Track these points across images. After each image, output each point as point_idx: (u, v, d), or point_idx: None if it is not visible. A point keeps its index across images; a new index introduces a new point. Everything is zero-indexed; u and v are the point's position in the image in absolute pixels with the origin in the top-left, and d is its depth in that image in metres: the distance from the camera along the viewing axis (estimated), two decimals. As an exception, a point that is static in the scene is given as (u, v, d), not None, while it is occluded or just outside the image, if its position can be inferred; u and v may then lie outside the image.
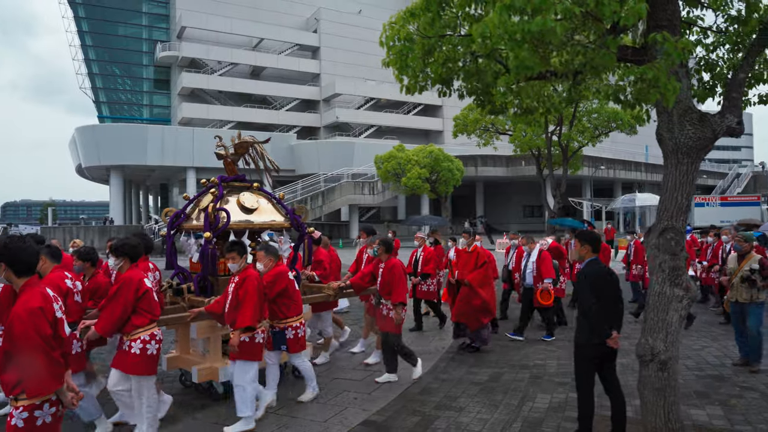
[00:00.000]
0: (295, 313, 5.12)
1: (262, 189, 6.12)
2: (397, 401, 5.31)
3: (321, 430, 4.60)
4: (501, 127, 13.48)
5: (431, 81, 4.90)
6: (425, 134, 52.29)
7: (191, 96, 46.44)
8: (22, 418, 2.76)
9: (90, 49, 49.49)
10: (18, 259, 2.88)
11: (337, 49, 49.34)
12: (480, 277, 7.02)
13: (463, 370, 6.34)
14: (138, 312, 4.16)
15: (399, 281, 5.65)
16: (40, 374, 2.73)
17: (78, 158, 43.35)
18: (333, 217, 40.98)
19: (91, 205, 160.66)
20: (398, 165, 24.52)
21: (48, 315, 2.81)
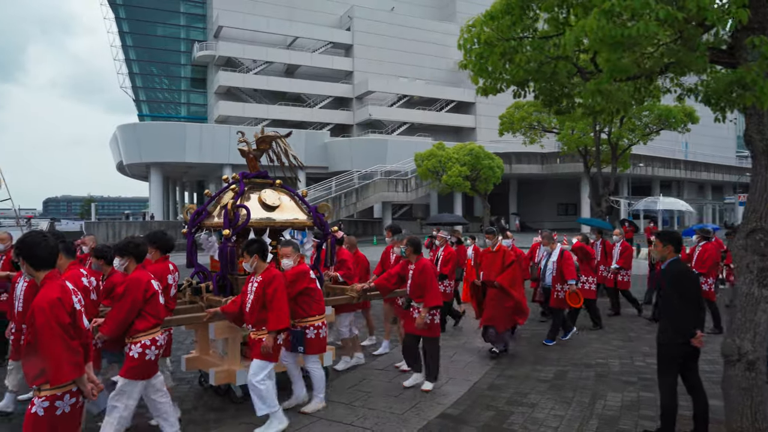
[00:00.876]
0: (317, 312, 4.98)
1: (284, 186, 5.91)
2: (468, 396, 5.43)
3: (400, 421, 4.75)
4: (547, 125, 13.42)
5: (506, 83, 4.98)
6: (457, 131, 52.12)
7: (227, 94, 47.29)
8: (43, 407, 2.85)
9: (130, 49, 50.89)
10: (35, 254, 2.98)
11: (370, 47, 49.53)
12: (510, 277, 6.81)
13: (527, 368, 6.41)
14: (142, 315, 4.04)
15: (432, 283, 5.43)
16: (60, 362, 2.80)
17: (119, 155, 44.57)
18: (366, 214, 41.26)
19: (128, 200, 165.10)
20: (438, 163, 24.54)
21: (66, 305, 2.89)
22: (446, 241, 8.50)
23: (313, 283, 5.00)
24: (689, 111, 12.67)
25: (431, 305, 5.39)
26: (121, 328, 4.02)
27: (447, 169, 23.79)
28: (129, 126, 42.34)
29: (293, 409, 4.91)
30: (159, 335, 4.14)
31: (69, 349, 2.84)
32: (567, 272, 7.55)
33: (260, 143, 5.96)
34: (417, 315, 5.44)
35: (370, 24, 49.69)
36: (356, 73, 49.25)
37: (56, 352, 2.79)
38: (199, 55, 47.60)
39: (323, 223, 5.87)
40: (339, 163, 43.04)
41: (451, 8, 55.61)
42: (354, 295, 5.82)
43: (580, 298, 7.60)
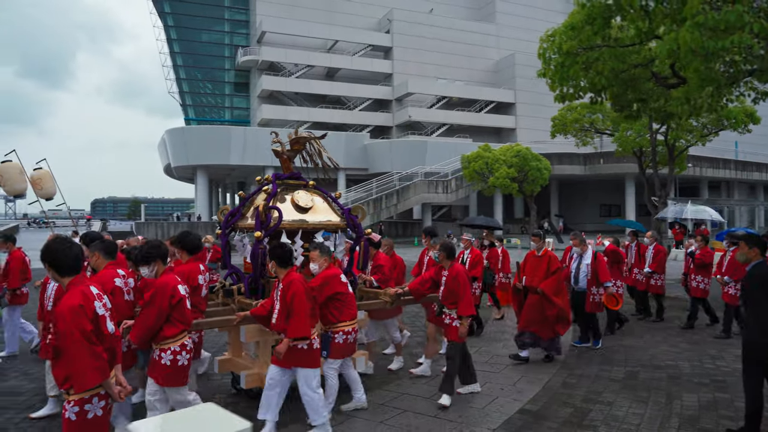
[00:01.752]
0: (348, 317, 4.81)
1: (317, 187, 5.82)
2: (543, 393, 5.59)
3: (482, 415, 4.97)
4: (601, 127, 13.36)
5: (582, 90, 5.13)
6: (497, 132, 51.83)
7: (270, 98, 48.32)
8: (74, 412, 2.94)
9: (177, 55, 52.61)
10: (59, 260, 3.03)
11: (409, 49, 49.79)
12: (554, 284, 6.59)
13: (594, 368, 6.52)
14: (170, 321, 4.02)
15: (465, 290, 5.24)
16: (83, 368, 2.85)
17: (167, 158, 46.10)
18: (405, 215, 41.45)
19: (171, 201, 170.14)
20: (485, 165, 24.60)
21: (88, 312, 2.93)
22: (471, 244, 8.38)
23: (343, 287, 4.82)
24: (750, 111, 12.34)
25: (465, 314, 5.23)
26: (149, 335, 4.00)
27: (494, 170, 23.80)
28: (177, 130, 43.81)
29: (354, 412, 4.94)
30: (187, 339, 4.13)
31: (92, 354, 2.88)
32: (602, 274, 7.36)
33: (294, 144, 5.92)
34: (456, 323, 5.28)
35: (409, 26, 49.95)
36: (395, 75, 49.58)
37: (79, 359, 2.85)
38: (243, 60, 48.81)
39: (356, 225, 5.77)
40: (379, 164, 43.41)
41: (490, 8, 55.34)
42: (387, 299, 5.62)
43: (618, 300, 7.45)
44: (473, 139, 47.93)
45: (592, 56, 4.57)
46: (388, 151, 43.90)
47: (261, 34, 47.04)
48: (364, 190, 38.25)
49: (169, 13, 51.42)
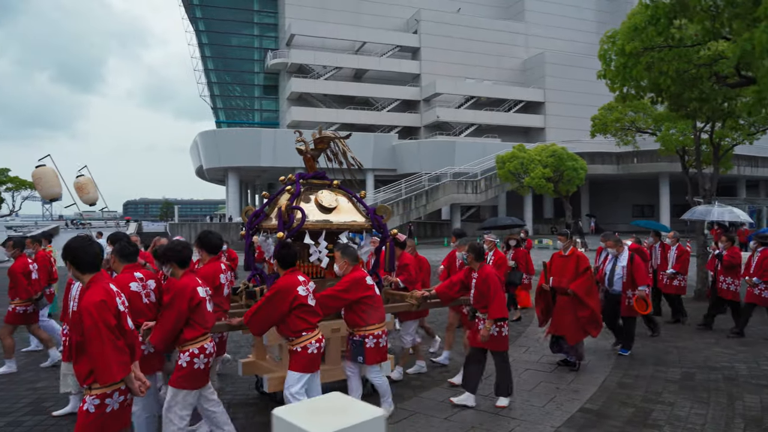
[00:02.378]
0: (376, 320, 4.72)
1: (342, 187, 5.72)
2: (601, 393, 5.62)
3: (543, 414, 5.03)
4: (644, 126, 13.18)
5: (643, 90, 5.14)
6: (525, 132, 51.41)
7: (299, 100, 48.89)
8: (94, 404, 3.00)
9: (209, 59, 53.66)
10: (79, 258, 3.11)
11: (437, 49, 49.78)
12: (586, 284, 6.33)
13: (649, 369, 6.49)
14: (190, 324, 3.95)
15: (496, 293, 5.07)
16: (109, 362, 2.91)
17: (199, 160, 47.03)
18: (434, 216, 41.45)
19: (200, 203, 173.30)
20: (520, 165, 24.47)
21: (111, 307, 3.01)
22: (495, 245, 8.21)
23: (370, 291, 4.71)
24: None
25: (496, 317, 5.05)
26: (170, 338, 3.93)
27: (529, 170, 23.66)
28: (209, 132, 44.69)
29: None
30: (208, 343, 4.05)
31: (116, 348, 2.95)
32: (639, 277, 7.12)
33: (318, 143, 5.83)
34: (482, 327, 5.16)
35: (436, 26, 49.94)
36: (423, 76, 49.60)
37: (104, 353, 2.90)
38: (272, 63, 49.49)
39: (381, 225, 5.64)
40: (407, 165, 43.50)
41: (519, 7, 54.90)
42: (413, 302, 5.52)
43: (648, 304, 7.18)
44: (502, 138, 47.62)
45: (655, 57, 4.58)
46: (416, 151, 43.95)
47: (290, 37, 47.63)
48: (393, 190, 38.38)
49: (201, 18, 52.50)
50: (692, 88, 5.07)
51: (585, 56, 52.88)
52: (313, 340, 4.28)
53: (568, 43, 54.51)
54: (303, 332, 4.26)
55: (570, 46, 54.09)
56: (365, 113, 49.03)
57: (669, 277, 9.23)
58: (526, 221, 41.81)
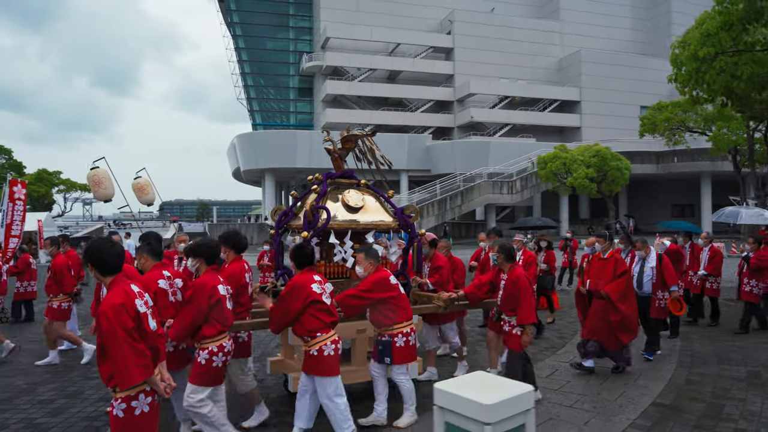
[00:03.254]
0: (404, 318, 4.66)
1: (370, 186, 5.66)
2: (669, 389, 5.75)
3: (616, 407, 5.20)
4: (695, 125, 13.07)
5: (714, 94, 5.27)
6: (560, 131, 50.90)
7: (333, 102, 49.51)
8: (122, 409, 2.98)
9: (245, 63, 54.83)
10: (101, 260, 3.10)
11: (471, 49, 49.72)
12: (620, 288, 6.14)
13: (713, 367, 6.57)
14: (209, 321, 3.99)
15: (525, 296, 4.93)
16: (127, 366, 2.88)
17: (236, 162, 48.08)
18: (468, 216, 41.41)
19: (233, 203, 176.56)
20: (563, 165, 24.37)
21: (130, 310, 2.97)
22: (524, 245, 8.13)
23: (393, 291, 4.62)
24: None
25: (525, 322, 4.94)
26: (188, 334, 4.00)
27: (572, 171, 23.55)
28: (246, 135, 45.67)
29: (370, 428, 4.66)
30: (226, 341, 4.10)
31: (135, 352, 2.91)
32: (669, 278, 6.98)
33: (345, 142, 5.78)
34: (516, 331, 5.05)
35: (470, 26, 49.89)
36: (457, 76, 49.61)
37: (123, 356, 2.87)
38: (307, 66, 50.25)
39: (409, 225, 5.55)
40: (441, 165, 43.60)
41: (554, 5, 54.36)
42: (441, 303, 5.41)
43: (682, 305, 7.10)
44: (536, 138, 47.29)
45: (728, 61, 4.72)
46: (450, 152, 44.00)
47: (325, 39, 48.28)
48: (428, 191, 38.54)
49: (238, 23, 53.68)
50: (761, 91, 5.18)
51: (622, 53, 52.16)
52: (328, 342, 4.21)
53: (605, 41, 53.75)
54: (318, 332, 4.20)
55: (606, 44, 53.33)
56: (399, 114, 49.32)
57: (700, 278, 9.10)
58: (562, 222, 41.52)
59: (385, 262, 5.42)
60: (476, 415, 2.05)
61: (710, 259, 9.09)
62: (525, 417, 2.21)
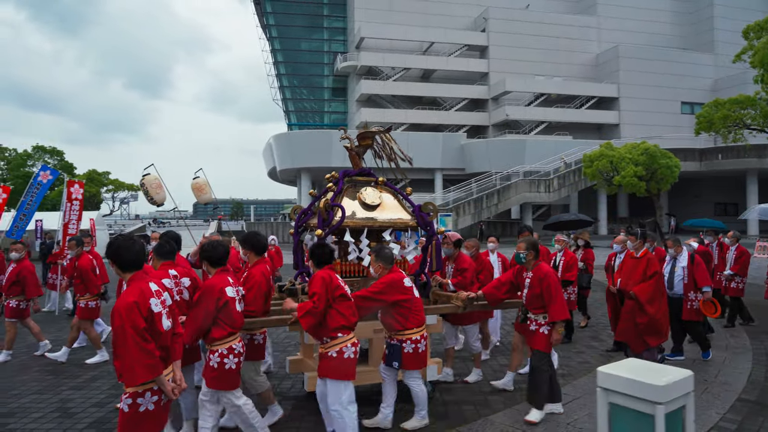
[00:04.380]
0: (415, 324, 4.50)
1: (387, 184, 5.56)
2: (752, 386, 5.71)
3: (703, 402, 5.19)
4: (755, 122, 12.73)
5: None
6: (598, 128, 50.03)
7: (368, 101, 49.78)
8: (127, 404, 3.02)
9: (281, 65, 55.63)
10: (121, 257, 3.14)
11: (506, 47, 49.30)
12: (650, 290, 5.92)
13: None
14: (217, 323, 3.96)
15: (557, 293, 4.74)
16: (132, 364, 2.90)
17: (272, 162, 48.81)
18: (503, 215, 41.13)
19: (264, 202, 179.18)
20: (610, 164, 24.03)
21: (142, 309, 2.99)
22: (566, 245, 8.00)
23: (407, 294, 4.49)
24: None
25: (558, 319, 4.73)
26: (198, 336, 4.01)
27: (620, 169, 23.18)
28: (282, 135, 46.41)
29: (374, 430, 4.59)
30: (236, 343, 4.06)
31: (142, 351, 2.92)
32: (700, 278, 6.75)
33: (362, 139, 5.68)
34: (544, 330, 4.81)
35: (505, 23, 49.47)
36: (492, 74, 49.27)
37: (129, 355, 2.91)
38: (342, 66, 50.65)
39: (427, 223, 5.39)
40: (476, 164, 43.43)
41: (590, 0, 53.42)
42: (459, 304, 5.21)
43: (716, 306, 6.78)
44: (573, 136, 46.61)
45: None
46: (485, 150, 43.78)
47: (360, 40, 48.58)
48: (464, 190, 38.46)
49: (273, 25, 54.50)
50: None
51: (662, 48, 50.91)
52: (349, 344, 4.09)
53: (643, 35, 52.56)
54: (340, 332, 4.08)
55: (645, 39, 52.14)
56: (433, 113, 49.29)
57: (727, 278, 8.92)
58: (601, 220, 40.85)
59: (403, 261, 5.32)
60: (649, 395, 2.17)
61: (736, 258, 8.96)
62: (686, 399, 2.31)
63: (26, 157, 43.88)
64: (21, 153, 44.65)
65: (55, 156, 43.97)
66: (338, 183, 5.33)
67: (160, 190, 14.87)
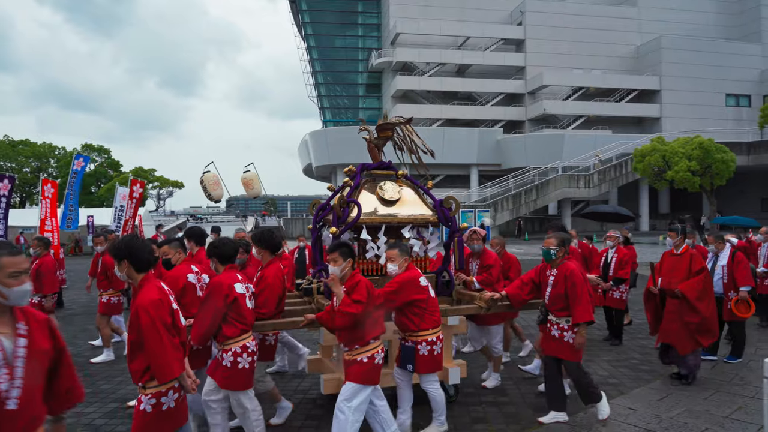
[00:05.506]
0: (431, 324, 4.26)
1: (408, 178, 5.35)
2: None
3: None
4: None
5: None
6: (638, 122, 48.93)
7: (403, 97, 49.80)
8: (151, 404, 2.97)
9: (316, 62, 56.12)
10: (137, 257, 3.09)
11: (543, 40, 48.58)
12: (699, 287, 5.64)
13: None
14: (228, 321, 3.85)
15: (582, 292, 4.43)
16: (168, 360, 2.90)
17: (308, 159, 49.39)
18: (540, 211, 40.69)
19: (293, 198, 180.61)
20: (662, 158, 23.53)
21: (167, 305, 3.02)
22: (619, 241, 7.77)
23: (423, 293, 4.24)
24: None
25: (581, 321, 4.42)
26: (208, 334, 3.90)
27: (673, 164, 22.67)
28: (319, 132, 46.95)
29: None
30: (250, 341, 3.95)
31: (173, 346, 2.95)
32: (740, 277, 6.47)
33: (381, 131, 5.44)
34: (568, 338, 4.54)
35: (542, 16, 48.72)
36: (528, 68, 48.63)
37: (164, 350, 2.90)
38: (377, 63, 50.80)
39: (449, 218, 5.15)
40: (512, 159, 43.07)
41: (631, -10, 52.15)
42: (482, 304, 4.93)
43: (750, 307, 6.47)
44: (613, 130, 45.69)
45: None
46: (522, 145, 43.37)
47: (395, 35, 48.59)
48: (502, 186, 38.21)
49: (309, 22, 54.98)
50: None
51: (706, 39, 49.32)
52: (379, 350, 3.98)
53: (686, 26, 50.99)
54: (372, 338, 3.95)
55: (688, 29, 50.58)
56: (469, 108, 49.00)
57: (760, 276, 8.57)
58: (642, 216, 39.97)
59: (425, 259, 5.18)
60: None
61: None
62: None
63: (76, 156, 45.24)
64: (71, 151, 46.35)
65: (103, 154, 45.51)
66: (355, 177, 5.15)
67: (217, 187, 15.40)
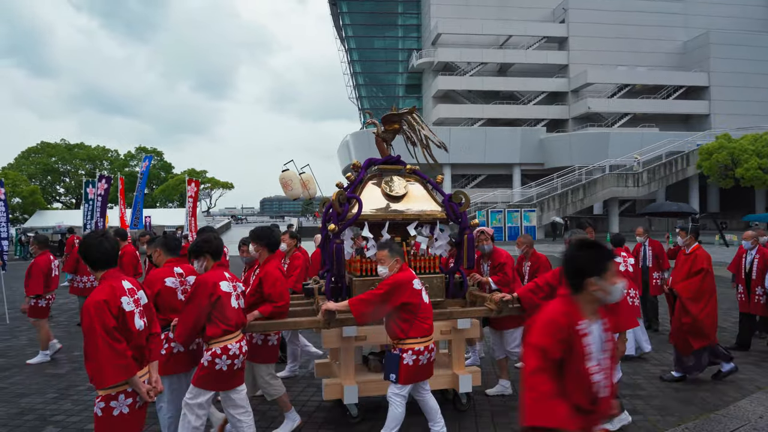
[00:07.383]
0: (420, 333, 3.95)
1: (416, 172, 5.11)
2: None
3: None
4: None
5: None
6: (685, 119, 47.89)
7: (444, 97, 49.87)
8: (100, 408, 2.85)
9: (356, 63, 56.68)
10: (91, 254, 3.01)
11: (586, 37, 47.98)
12: (693, 287, 5.50)
13: None
14: (211, 320, 3.69)
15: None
16: (102, 365, 2.75)
17: (349, 159, 49.86)
18: (585, 211, 40.21)
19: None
20: (729, 156, 23.11)
21: (112, 308, 2.84)
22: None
23: (415, 297, 3.94)
24: None
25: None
26: (192, 334, 3.75)
27: (742, 162, 22.23)
28: (361, 133, 47.37)
29: None
30: (233, 343, 3.72)
31: (112, 351, 2.77)
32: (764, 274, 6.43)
33: (388, 123, 5.16)
34: None
35: (585, 13, 48.12)
36: (572, 66, 48.10)
37: (99, 355, 2.76)
38: (418, 63, 50.99)
39: (458, 215, 4.85)
40: (556, 158, 42.67)
41: (677, -15, 51.02)
42: (493, 306, 4.61)
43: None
44: (659, 128, 44.81)
45: None
46: (566, 144, 42.92)
47: (436, 36, 48.70)
48: (547, 185, 37.90)
49: (349, 24, 55.57)
50: None
51: (757, 33, 47.91)
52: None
53: (733, 20, 49.65)
54: None
55: (735, 23, 49.25)
56: (510, 107, 48.76)
57: None
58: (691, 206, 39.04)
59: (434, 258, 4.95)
60: None
61: None
62: None
63: (129, 158, 47.30)
64: (125, 154, 48.09)
65: (156, 156, 47.03)
66: (360, 172, 4.92)
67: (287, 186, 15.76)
